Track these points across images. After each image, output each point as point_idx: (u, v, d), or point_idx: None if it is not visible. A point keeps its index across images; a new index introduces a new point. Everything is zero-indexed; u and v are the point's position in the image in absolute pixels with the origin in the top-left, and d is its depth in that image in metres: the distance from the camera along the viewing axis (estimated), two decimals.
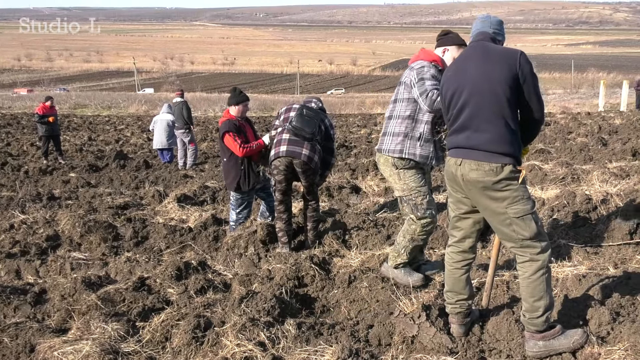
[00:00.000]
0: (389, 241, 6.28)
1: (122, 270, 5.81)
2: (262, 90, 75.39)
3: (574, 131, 17.35)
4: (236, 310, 4.32)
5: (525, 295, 3.58)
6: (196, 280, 5.20)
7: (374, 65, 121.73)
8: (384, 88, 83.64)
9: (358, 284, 5.00)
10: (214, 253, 6.64)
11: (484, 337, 3.87)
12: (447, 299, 3.92)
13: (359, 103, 45.10)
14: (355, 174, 11.31)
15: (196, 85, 70.16)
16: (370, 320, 4.37)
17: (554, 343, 3.54)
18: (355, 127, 24.07)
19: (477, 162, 3.49)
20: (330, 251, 6.13)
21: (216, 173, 12.28)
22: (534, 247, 3.52)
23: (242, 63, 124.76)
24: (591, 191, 7.14)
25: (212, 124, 26.98)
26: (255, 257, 6.18)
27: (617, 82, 48.99)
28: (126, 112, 39.08)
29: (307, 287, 5.21)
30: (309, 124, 6.11)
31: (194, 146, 14.77)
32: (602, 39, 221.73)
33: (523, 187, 3.50)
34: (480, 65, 3.56)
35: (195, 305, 4.65)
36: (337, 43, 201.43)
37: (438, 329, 3.77)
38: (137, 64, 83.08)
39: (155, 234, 7.25)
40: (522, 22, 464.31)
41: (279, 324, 4.13)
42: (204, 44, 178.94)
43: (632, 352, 3.29)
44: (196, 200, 9.25)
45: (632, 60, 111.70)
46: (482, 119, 3.50)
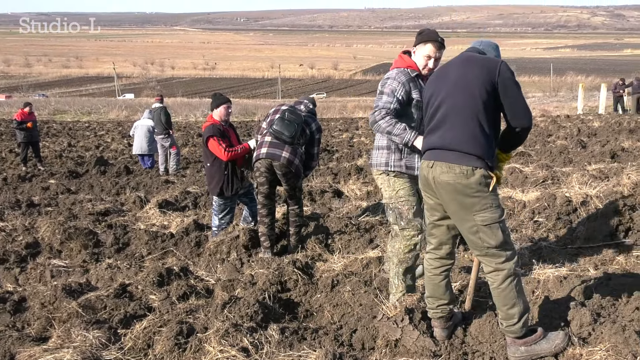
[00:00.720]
0: (371, 245, 6.29)
1: (103, 277, 5.76)
2: (244, 95, 75.21)
3: (554, 134, 17.51)
4: (219, 316, 4.30)
5: (499, 304, 3.60)
6: (178, 286, 5.17)
7: (355, 70, 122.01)
8: (365, 92, 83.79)
9: (341, 288, 5.00)
10: (196, 259, 6.60)
11: (467, 340, 3.88)
12: (429, 304, 3.92)
13: (341, 107, 45.16)
14: (338, 178, 11.32)
15: (177, 91, 69.81)
16: (354, 324, 4.37)
17: (535, 348, 3.55)
18: (337, 132, 24.11)
19: (448, 165, 3.50)
20: (313, 255, 6.13)
21: (198, 178, 12.23)
22: (498, 256, 3.52)
23: (223, 68, 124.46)
24: (571, 193, 7.21)
25: (194, 129, 26.88)
26: (237, 262, 6.16)
27: (595, 85, 49.55)
28: (106, 117, 38.83)
29: (290, 291, 5.20)
30: (289, 128, 6.10)
31: (176, 150, 14.68)
32: (580, 42, 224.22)
33: (493, 194, 3.50)
34: (460, 68, 3.61)
35: (178, 311, 4.62)
36: (318, 47, 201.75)
37: (421, 332, 3.78)
38: (117, 69, 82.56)
39: (136, 240, 7.20)
40: (501, 25, 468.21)
41: (262, 330, 4.12)
42: (184, 48, 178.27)
43: (613, 352, 3.32)
44: (178, 206, 9.20)
45: (610, 63, 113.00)
46: (457, 118, 3.52)
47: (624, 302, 4.08)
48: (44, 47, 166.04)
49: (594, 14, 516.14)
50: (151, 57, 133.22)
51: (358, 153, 15.78)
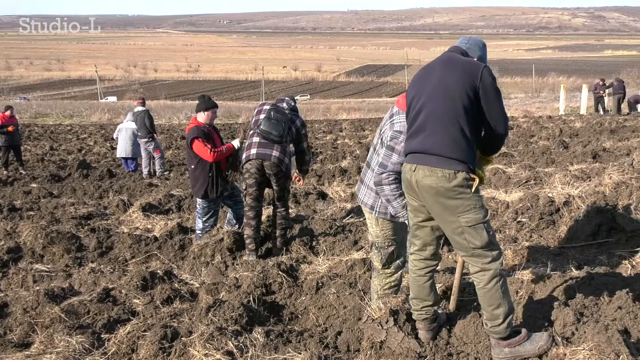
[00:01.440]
0: (356, 246, 6.30)
1: (87, 282, 5.72)
2: (227, 97, 74.97)
3: (536, 134, 17.64)
4: (203, 320, 4.28)
5: (484, 305, 3.61)
6: (162, 290, 5.14)
7: (339, 71, 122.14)
8: (348, 94, 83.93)
9: (326, 290, 5.00)
10: (180, 262, 6.57)
11: (452, 341, 3.89)
12: (413, 306, 3.93)
13: (324, 109, 45.14)
14: (322, 180, 11.33)
15: (160, 93, 69.48)
16: (339, 327, 4.37)
17: (519, 349, 3.57)
18: (321, 133, 24.11)
19: (430, 168, 3.50)
20: (297, 258, 6.13)
21: (181, 181, 12.17)
22: (485, 257, 3.53)
23: (206, 70, 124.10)
24: (554, 193, 7.26)
25: (177, 132, 26.76)
26: (222, 265, 6.14)
27: (576, 86, 49.96)
28: (89, 120, 38.49)
29: (274, 294, 5.19)
30: (276, 127, 6.09)
31: (159, 153, 14.62)
32: (561, 43, 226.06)
33: (476, 195, 3.51)
34: (442, 71, 3.60)
35: (162, 315, 4.60)
36: (302, 49, 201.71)
37: (406, 334, 3.78)
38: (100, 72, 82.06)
39: (119, 244, 7.15)
40: (483, 27, 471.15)
41: (247, 333, 4.10)
42: (167, 51, 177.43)
43: (596, 351, 3.34)
44: (161, 209, 9.15)
45: (591, 64, 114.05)
46: (437, 123, 3.52)
47: (607, 301, 4.11)
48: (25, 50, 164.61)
49: (574, 16, 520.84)
50: (134, 60, 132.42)
51: (342, 155, 15.79)
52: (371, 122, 29.06)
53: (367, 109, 45.63)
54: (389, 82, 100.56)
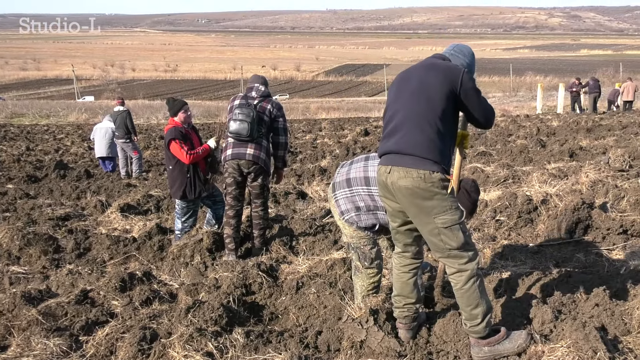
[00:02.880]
0: (336, 246, 6.30)
1: (64, 284, 5.66)
2: (206, 97, 74.46)
3: (514, 133, 17.78)
4: (183, 321, 4.26)
5: (462, 305, 3.63)
6: (141, 291, 5.11)
7: (318, 71, 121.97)
8: (328, 93, 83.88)
9: (306, 290, 4.99)
10: (159, 263, 6.54)
11: (432, 339, 3.91)
12: (395, 303, 3.94)
13: (304, 108, 45.08)
14: (301, 180, 11.32)
15: (138, 93, 68.83)
16: (319, 326, 4.37)
17: (498, 348, 3.60)
18: (301, 133, 24.09)
19: (405, 169, 3.52)
20: (277, 258, 6.12)
21: (160, 181, 12.08)
22: (461, 257, 3.56)
23: (185, 69, 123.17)
24: (532, 192, 7.32)
25: (155, 132, 26.56)
26: (201, 265, 6.11)
27: (553, 85, 50.49)
28: (66, 120, 38.05)
29: (254, 294, 5.18)
30: (243, 127, 6.04)
31: (137, 154, 14.52)
32: (538, 43, 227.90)
33: (452, 197, 3.54)
34: (422, 75, 3.64)
35: (141, 316, 4.57)
36: (281, 49, 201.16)
37: (386, 333, 3.80)
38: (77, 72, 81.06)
39: (98, 245, 7.09)
40: (461, 27, 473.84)
41: (227, 333, 4.09)
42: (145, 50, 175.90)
43: (574, 349, 3.38)
44: (140, 210, 9.08)
45: (567, 63, 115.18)
46: (414, 124, 3.55)
47: (584, 298, 4.16)
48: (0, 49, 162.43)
49: (551, 15, 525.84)
50: (111, 59, 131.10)
51: (322, 154, 15.79)
52: (350, 122, 29.10)
53: (347, 108, 45.68)
54: (368, 81, 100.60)
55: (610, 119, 20.02)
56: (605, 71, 62.71)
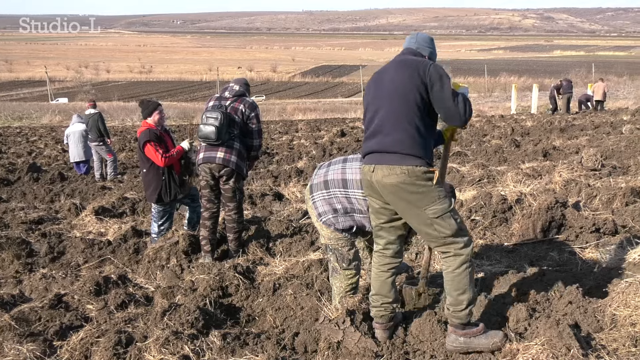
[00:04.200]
0: (312, 247, 6.30)
1: (38, 288, 5.59)
2: (182, 98, 74.05)
3: (489, 134, 17.94)
4: (159, 324, 4.22)
5: (450, 289, 3.68)
6: (116, 294, 5.06)
7: (294, 72, 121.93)
8: (304, 94, 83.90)
9: (283, 291, 4.99)
10: (134, 266, 6.48)
11: (408, 339, 3.93)
12: (373, 302, 3.96)
13: (280, 110, 45.06)
14: (278, 181, 11.30)
15: (113, 94, 68.18)
16: (296, 328, 4.37)
17: (474, 341, 3.65)
18: (277, 134, 24.06)
19: (389, 167, 3.57)
20: (254, 259, 6.11)
21: (135, 184, 11.98)
22: (456, 243, 3.62)
23: (160, 71, 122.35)
24: (506, 191, 7.39)
25: (130, 134, 26.34)
26: (177, 268, 6.07)
27: (527, 86, 51.02)
28: (39, 122, 37.61)
29: (231, 296, 5.15)
30: (210, 131, 6.01)
31: (112, 157, 14.38)
32: (512, 44, 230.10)
33: (438, 187, 3.59)
34: (393, 74, 3.69)
35: (116, 320, 4.53)
36: (257, 50, 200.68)
37: (363, 334, 3.81)
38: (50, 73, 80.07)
39: (72, 249, 7.00)
40: (436, 28, 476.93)
41: (204, 336, 4.07)
42: (119, 52, 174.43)
43: (548, 346, 3.42)
44: (115, 212, 9.00)
45: (541, 64, 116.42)
46: (393, 123, 3.60)
47: (558, 296, 4.21)
48: None
49: (524, 17, 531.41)
50: (85, 61, 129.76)
51: (298, 155, 15.79)
52: (327, 123, 29.13)
53: (323, 109, 45.74)
54: (344, 82, 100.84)
55: (583, 119, 20.30)
56: (578, 72, 63.40)
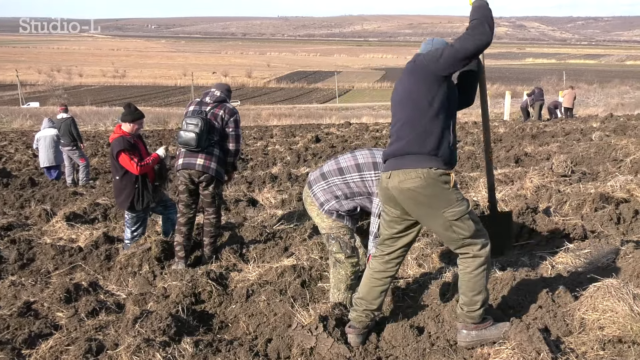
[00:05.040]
0: (286, 253, 6.30)
1: (6, 295, 5.51)
2: (156, 103, 73.48)
3: (462, 140, 18.09)
4: (130, 332, 4.19)
5: (465, 290, 3.72)
6: (87, 302, 5.01)
7: (269, 77, 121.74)
8: (279, 100, 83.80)
9: (256, 297, 4.98)
10: (106, 273, 6.42)
11: (381, 344, 3.94)
12: (355, 306, 3.97)
13: (255, 115, 44.93)
14: (252, 187, 11.27)
15: (85, 99, 67.36)
16: (269, 334, 4.36)
17: (485, 333, 3.72)
18: (252, 140, 23.99)
19: (404, 171, 3.60)
20: (227, 266, 6.09)
21: (108, 189, 11.85)
22: (475, 244, 3.66)
23: (134, 75, 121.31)
24: (479, 197, 7.47)
25: (103, 139, 26.07)
26: (150, 275, 6.03)
27: (500, 93, 51.63)
28: (9, 127, 37.02)
29: (204, 303, 5.13)
30: (190, 137, 6.01)
31: (84, 162, 14.20)
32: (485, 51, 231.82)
33: (455, 189, 3.62)
34: (405, 81, 3.74)
35: (87, 328, 4.48)
36: (232, 55, 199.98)
37: (335, 339, 3.81)
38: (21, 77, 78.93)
39: (42, 256, 6.91)
40: (411, 35, 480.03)
41: (176, 343, 4.04)
42: (93, 55, 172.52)
43: (518, 350, 3.46)
44: (87, 219, 8.90)
45: (513, 71, 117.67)
46: (407, 128, 3.64)
47: (528, 300, 4.26)
48: None
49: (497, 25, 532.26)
50: (57, 64, 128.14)
51: (272, 161, 15.77)
52: (302, 128, 29.15)
53: (298, 115, 45.74)
54: (320, 88, 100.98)
55: (554, 126, 20.58)
56: (550, 79, 64.29)
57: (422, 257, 5.83)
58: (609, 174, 8.80)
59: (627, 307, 3.65)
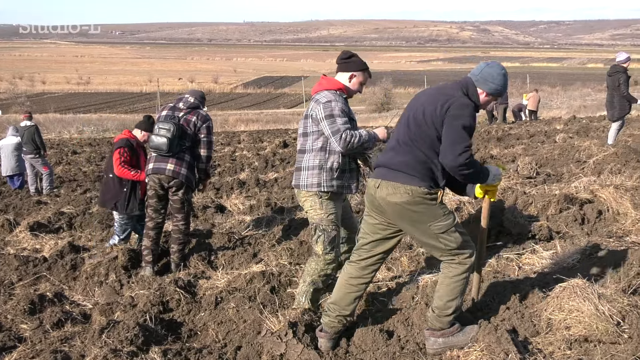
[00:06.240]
0: (255, 259, 6.27)
1: None
2: (121, 110, 72.62)
3: None
4: (96, 342, 4.12)
5: (442, 293, 3.75)
6: (52, 313, 4.92)
7: (236, 83, 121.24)
8: (246, 105, 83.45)
9: (225, 305, 4.94)
10: (72, 283, 6.30)
11: (351, 349, 3.94)
12: (328, 311, 3.96)
13: (222, 121, 44.74)
14: (220, 193, 11.20)
15: (49, 106, 66.29)
16: (239, 342, 4.33)
17: (452, 340, 3.74)
18: (219, 146, 23.87)
19: (393, 185, 3.63)
20: (195, 273, 6.03)
21: (73, 198, 11.67)
22: (462, 254, 3.72)
23: (98, 82, 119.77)
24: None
25: (68, 146, 25.70)
26: (117, 284, 5.95)
27: None
28: None
29: (172, 312, 5.07)
30: (162, 142, 5.98)
31: (48, 170, 13.96)
32: (450, 55, 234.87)
33: (441, 204, 3.68)
34: (428, 98, 3.73)
35: (52, 340, 4.39)
36: (198, 61, 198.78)
37: (305, 345, 3.80)
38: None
39: (5, 267, 6.76)
40: (377, 39, 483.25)
41: (143, 353, 3.99)
42: (56, 62, 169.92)
43: (487, 351, 3.49)
44: (51, 228, 8.75)
45: None
46: (408, 145, 3.66)
47: (496, 302, 4.30)
48: None
49: (462, 29, 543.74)
50: (20, 72, 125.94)
51: (240, 167, 15.71)
52: (269, 134, 29.10)
53: (265, 120, 45.71)
54: (287, 93, 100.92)
55: (519, 129, 20.85)
56: (514, 82, 65.19)
57: (391, 260, 5.85)
58: (573, 175, 8.94)
59: (592, 307, 3.70)
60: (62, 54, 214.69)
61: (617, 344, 3.53)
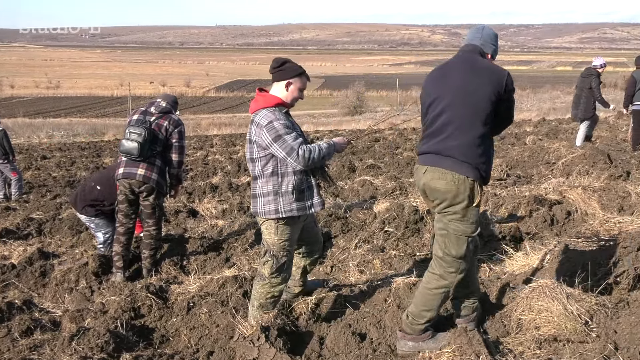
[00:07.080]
0: (227, 264, 6.25)
1: None
2: (92, 114, 71.79)
3: (401, 146, 18.32)
4: (66, 350, 4.07)
5: (419, 302, 3.75)
6: (21, 321, 4.83)
7: (208, 87, 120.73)
8: (219, 109, 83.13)
9: (197, 310, 4.91)
10: (41, 290, 6.21)
11: (324, 352, 3.95)
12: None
13: (195, 125, 44.49)
14: (192, 197, 11.13)
15: (18, 111, 65.30)
16: (211, 347, 4.31)
17: (422, 345, 3.76)
18: (192, 150, 23.73)
19: (441, 171, 3.58)
20: (167, 278, 5.99)
21: (42, 203, 11.50)
22: (451, 267, 3.67)
23: (68, 86, 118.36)
24: (418, 203, 7.56)
25: (37, 151, 25.33)
26: (87, 290, 5.87)
27: None
28: None
29: (144, 317, 5.03)
30: (133, 146, 5.94)
31: (16, 176, 13.74)
32: (422, 59, 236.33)
33: (476, 209, 3.61)
34: (465, 77, 3.61)
35: (20, 348, 4.32)
36: (170, 65, 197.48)
37: (278, 349, 3.79)
38: None
39: None
40: (349, 43, 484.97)
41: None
42: (25, 66, 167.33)
43: (458, 353, 3.52)
44: (20, 234, 8.60)
45: None
46: (457, 127, 3.57)
47: None
48: None
49: (433, 32, 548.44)
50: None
51: (213, 171, 15.62)
52: (242, 137, 28.98)
53: (238, 124, 45.52)
54: None
55: None
56: None
57: (363, 263, 5.87)
58: (543, 177, 9.07)
59: (561, 307, 3.76)
60: (31, 58, 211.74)
61: (586, 342, 3.59)
